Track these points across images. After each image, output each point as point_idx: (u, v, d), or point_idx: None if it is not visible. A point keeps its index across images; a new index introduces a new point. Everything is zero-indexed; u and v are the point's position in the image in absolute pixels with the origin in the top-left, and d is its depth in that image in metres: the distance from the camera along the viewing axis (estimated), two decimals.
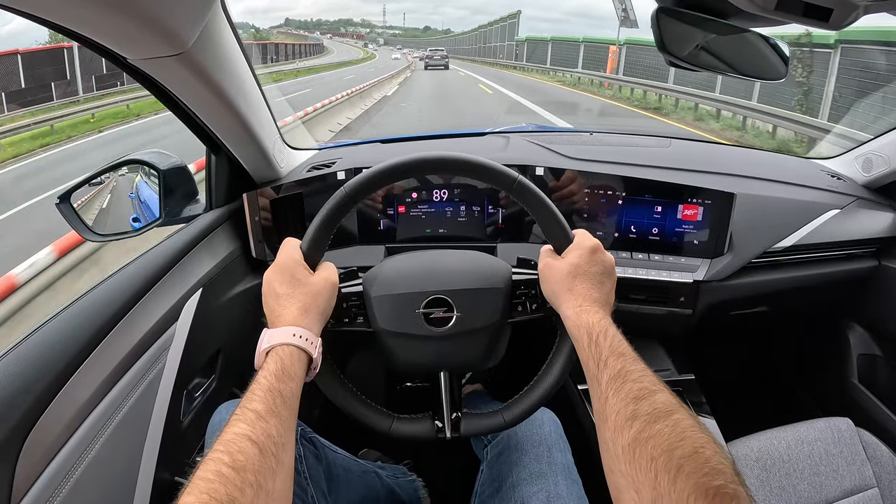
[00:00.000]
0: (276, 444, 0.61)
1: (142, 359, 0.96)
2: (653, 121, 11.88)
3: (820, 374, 1.78)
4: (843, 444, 1.19)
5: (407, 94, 18.79)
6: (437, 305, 0.89)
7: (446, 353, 0.91)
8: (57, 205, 1.17)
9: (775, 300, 1.48)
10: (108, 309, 0.92)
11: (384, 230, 1.44)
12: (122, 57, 0.84)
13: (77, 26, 0.73)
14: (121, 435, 0.88)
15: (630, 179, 1.37)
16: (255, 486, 0.55)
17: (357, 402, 0.89)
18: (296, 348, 0.73)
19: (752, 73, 0.92)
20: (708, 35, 0.84)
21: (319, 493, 0.99)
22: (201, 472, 0.55)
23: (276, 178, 1.41)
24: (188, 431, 1.08)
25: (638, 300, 1.37)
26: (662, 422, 0.59)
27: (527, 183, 0.87)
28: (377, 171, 0.86)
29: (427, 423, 0.91)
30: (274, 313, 0.79)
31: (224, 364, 1.22)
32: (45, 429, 0.76)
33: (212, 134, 1.14)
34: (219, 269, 1.21)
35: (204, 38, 0.86)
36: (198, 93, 0.99)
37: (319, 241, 0.85)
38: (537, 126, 2.05)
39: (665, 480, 0.53)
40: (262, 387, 0.66)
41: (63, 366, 0.81)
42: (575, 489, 1.00)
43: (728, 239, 1.35)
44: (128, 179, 1.42)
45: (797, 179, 1.52)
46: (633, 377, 0.65)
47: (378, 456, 1.72)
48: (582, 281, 0.81)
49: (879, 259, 1.48)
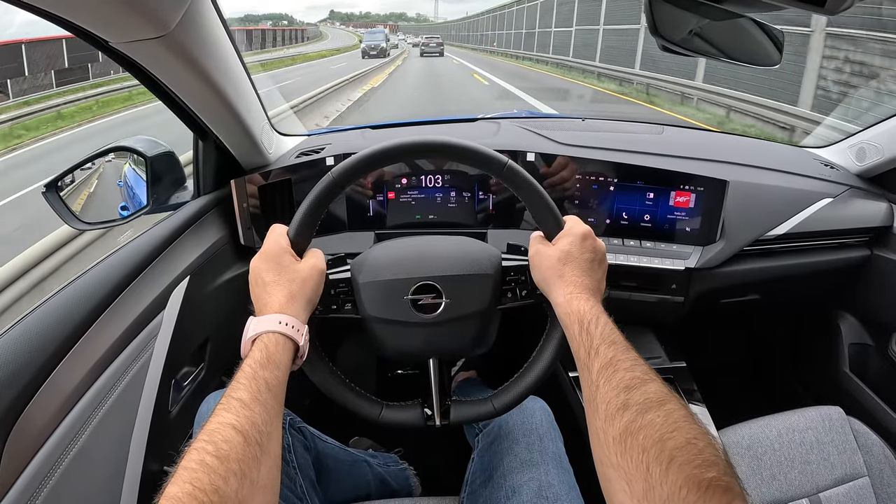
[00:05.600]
0: (260, 433, 0.60)
1: (129, 348, 0.95)
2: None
3: (811, 363, 1.79)
4: (834, 432, 1.19)
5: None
6: (426, 292, 0.88)
7: (435, 340, 0.91)
8: (43, 193, 1.16)
9: (767, 288, 1.48)
10: (95, 297, 0.91)
11: (374, 216, 1.44)
12: (104, 40, 0.82)
13: (57, 9, 0.72)
14: (108, 425, 0.87)
15: (622, 166, 1.36)
16: (239, 475, 0.55)
17: (345, 390, 0.88)
18: (281, 336, 0.72)
19: (745, 59, 0.91)
20: (701, 20, 0.83)
21: (308, 482, 0.99)
22: (185, 462, 0.54)
23: (265, 165, 1.40)
24: (176, 421, 1.07)
25: (629, 287, 1.37)
26: (654, 412, 0.58)
27: (517, 168, 0.86)
28: (364, 155, 0.85)
29: (416, 411, 0.91)
30: (260, 301, 0.78)
31: (212, 352, 1.21)
32: (30, 419, 0.75)
33: (198, 119, 1.13)
34: (207, 257, 1.20)
35: (187, 19, 0.85)
36: (182, 77, 0.98)
37: (306, 227, 0.84)
38: (529, 112, 2.05)
39: (657, 472, 0.52)
40: (247, 375, 0.65)
41: (49, 355, 0.80)
42: (566, 478, 1.00)
43: (720, 226, 1.34)
44: (116, 167, 1.41)
45: (790, 168, 1.51)
46: (624, 366, 0.65)
47: (369, 444, 1.72)
48: (573, 268, 0.80)
49: (871, 248, 1.48)
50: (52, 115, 13.55)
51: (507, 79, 18.21)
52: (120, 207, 1.35)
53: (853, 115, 6.65)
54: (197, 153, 1.29)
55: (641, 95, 12.64)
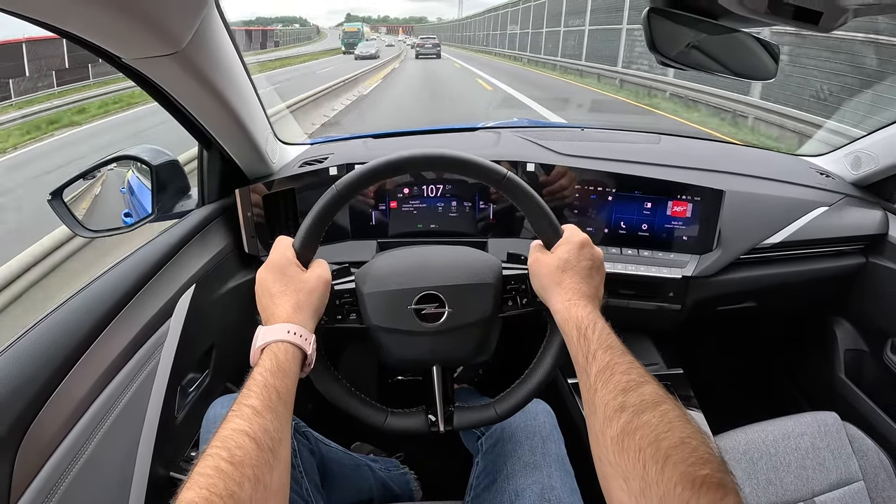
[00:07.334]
0: (272, 440, 0.61)
1: (136, 355, 0.96)
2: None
3: (807, 369, 1.80)
4: (829, 437, 1.20)
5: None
6: (429, 301, 0.90)
7: (438, 348, 0.92)
8: (49, 201, 1.17)
9: (763, 296, 1.50)
10: (103, 306, 0.92)
11: (376, 225, 1.45)
12: (116, 56, 0.84)
13: (71, 26, 0.73)
14: (117, 431, 0.88)
15: (620, 176, 1.38)
16: (253, 480, 0.56)
17: (351, 398, 0.90)
18: (290, 345, 0.74)
19: (742, 73, 0.93)
20: (699, 35, 0.84)
21: (313, 486, 1.00)
22: (200, 468, 0.55)
23: (269, 174, 1.41)
24: (183, 426, 1.08)
25: (627, 295, 1.38)
26: (650, 412, 0.60)
27: (516, 179, 0.88)
28: (368, 169, 0.87)
29: (420, 417, 0.92)
30: (268, 311, 0.79)
31: (218, 359, 1.23)
32: (42, 426, 0.76)
33: (204, 130, 1.14)
34: (212, 265, 1.21)
35: (198, 37, 0.87)
36: (192, 91, 0.99)
37: (311, 239, 0.86)
38: (528, 121, 2.06)
39: (653, 470, 0.54)
40: (258, 383, 0.67)
41: (58, 365, 0.81)
42: (568, 481, 1.02)
43: (717, 235, 1.36)
44: (119, 175, 1.42)
45: (786, 176, 1.53)
46: (621, 369, 0.67)
47: (371, 449, 1.73)
48: (571, 275, 0.82)
49: (867, 256, 1.50)
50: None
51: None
52: (123, 215, 1.36)
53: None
54: (202, 162, 1.30)
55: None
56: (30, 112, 12.85)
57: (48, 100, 15.30)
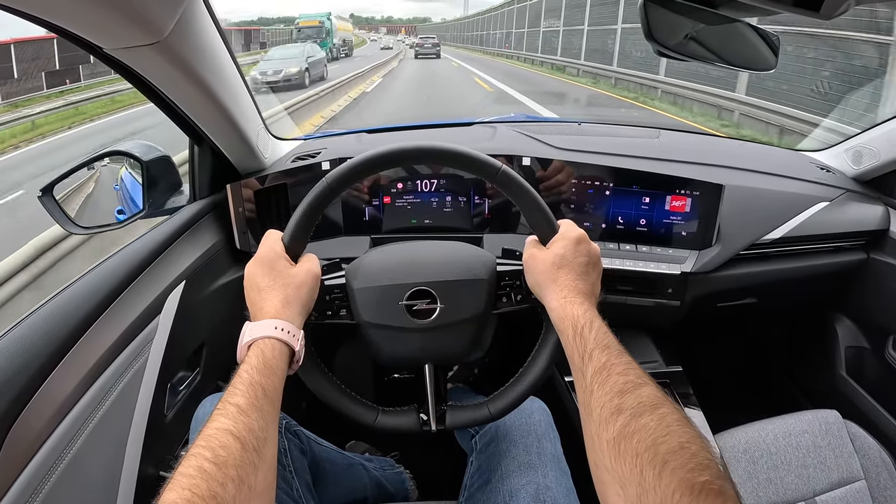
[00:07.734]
0: (257, 439, 0.60)
1: (125, 352, 0.94)
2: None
3: (808, 366, 1.79)
4: (830, 436, 1.19)
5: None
6: (421, 297, 0.88)
7: (430, 345, 0.91)
8: (39, 197, 1.16)
9: (763, 292, 1.48)
10: (90, 302, 0.91)
11: (370, 221, 1.44)
12: (97, 47, 0.82)
13: (51, 16, 0.72)
14: (104, 429, 0.87)
15: (618, 170, 1.36)
16: (236, 480, 0.55)
17: (341, 395, 0.88)
18: (278, 341, 0.72)
19: (741, 64, 0.91)
20: (697, 24, 0.83)
21: (304, 486, 0.99)
22: (183, 468, 0.54)
23: (261, 169, 1.40)
24: (172, 425, 1.07)
25: (625, 291, 1.37)
26: (648, 416, 0.58)
27: (511, 172, 0.86)
28: (359, 161, 0.85)
29: (412, 416, 0.91)
30: (255, 306, 0.78)
31: (208, 357, 1.21)
32: (26, 424, 0.75)
33: (194, 124, 1.13)
34: (202, 261, 1.19)
35: (181, 26, 0.85)
36: (177, 82, 0.98)
37: (301, 232, 0.84)
38: (525, 116, 2.05)
39: (650, 476, 0.53)
40: (244, 381, 0.65)
41: (45, 360, 0.80)
42: (564, 481, 1.00)
43: (716, 230, 1.34)
44: (112, 171, 1.41)
45: (786, 171, 1.51)
46: (618, 370, 0.65)
47: (366, 448, 1.72)
48: (567, 272, 0.80)
49: (868, 252, 1.48)
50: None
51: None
52: (116, 211, 1.35)
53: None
54: (193, 157, 1.29)
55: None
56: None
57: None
